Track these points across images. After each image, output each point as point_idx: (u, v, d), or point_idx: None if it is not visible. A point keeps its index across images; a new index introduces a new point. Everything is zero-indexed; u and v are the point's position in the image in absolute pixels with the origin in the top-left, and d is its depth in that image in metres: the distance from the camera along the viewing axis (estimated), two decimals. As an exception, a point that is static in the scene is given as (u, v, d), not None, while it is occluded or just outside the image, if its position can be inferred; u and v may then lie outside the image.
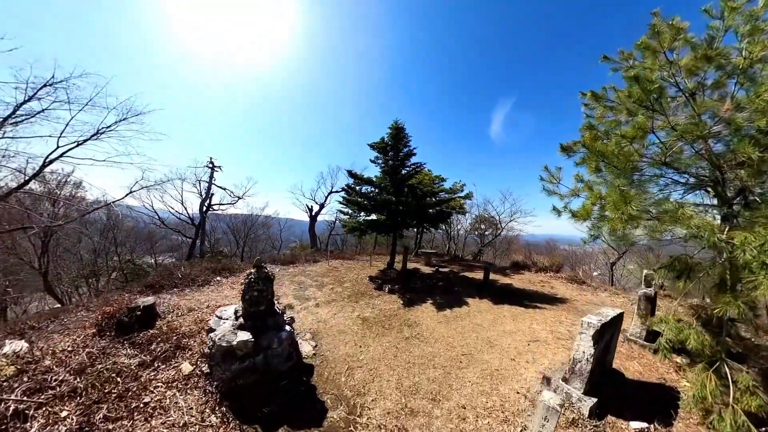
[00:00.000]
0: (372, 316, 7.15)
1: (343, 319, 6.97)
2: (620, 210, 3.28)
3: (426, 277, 11.31)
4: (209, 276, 10.34)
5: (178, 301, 8.15)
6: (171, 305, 7.76)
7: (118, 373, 4.68)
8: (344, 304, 7.98)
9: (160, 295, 8.69)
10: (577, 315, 7.86)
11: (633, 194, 3.54)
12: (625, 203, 3.21)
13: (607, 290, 11.44)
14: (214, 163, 15.87)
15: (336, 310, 7.59)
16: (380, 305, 7.97)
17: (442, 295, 9.06)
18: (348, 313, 7.33)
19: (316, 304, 7.96)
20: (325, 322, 6.83)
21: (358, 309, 7.65)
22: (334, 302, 8.15)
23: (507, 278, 12.12)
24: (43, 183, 15.47)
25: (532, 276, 12.97)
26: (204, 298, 8.42)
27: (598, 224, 4.15)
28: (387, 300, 8.44)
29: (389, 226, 11.05)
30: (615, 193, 3.63)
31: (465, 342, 5.94)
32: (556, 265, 14.05)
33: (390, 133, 11.51)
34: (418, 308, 7.81)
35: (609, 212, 3.41)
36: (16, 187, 9.07)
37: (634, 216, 3.42)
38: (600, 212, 4.06)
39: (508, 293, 9.62)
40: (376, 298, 8.55)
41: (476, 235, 22.86)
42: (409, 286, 9.88)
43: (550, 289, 10.77)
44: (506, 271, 14.08)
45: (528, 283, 11.35)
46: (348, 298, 8.53)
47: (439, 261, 16.54)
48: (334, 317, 7.11)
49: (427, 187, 10.85)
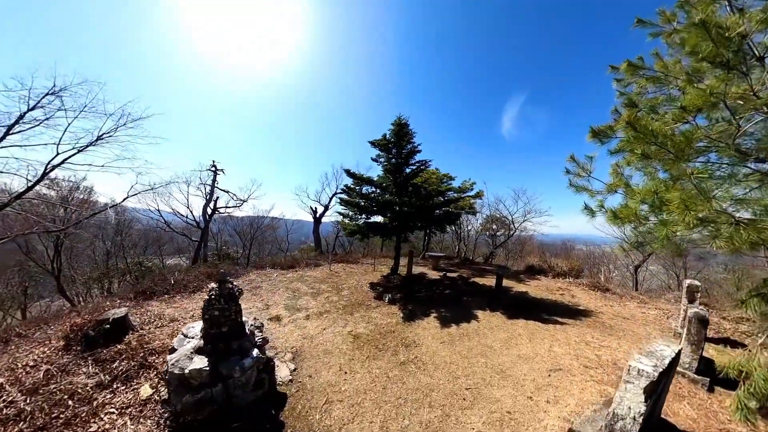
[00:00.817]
0: (365, 333, 6.16)
1: (333, 336, 6.02)
2: (692, 210, 2.16)
3: (432, 284, 10.22)
4: (202, 282, 9.67)
5: (164, 309, 7.47)
6: (155, 314, 7.10)
7: (72, 394, 4.16)
8: (337, 317, 7.04)
9: (150, 302, 8.08)
10: (604, 333, 6.61)
11: (706, 189, 2.40)
12: (702, 201, 2.09)
13: (634, 298, 10.01)
14: (216, 166, 15.42)
15: (327, 323, 6.65)
16: (377, 318, 6.97)
17: (449, 306, 7.96)
18: (339, 329, 6.38)
19: (306, 316, 7.06)
20: (311, 339, 5.90)
21: (352, 323, 6.69)
22: (326, 314, 7.22)
23: (522, 285, 10.85)
24: (57, 189, 15.47)
25: (549, 282, 11.62)
26: (192, 306, 7.72)
27: (650, 228, 3.00)
28: (386, 312, 7.43)
29: (392, 228, 10.05)
30: (677, 189, 2.49)
31: (471, 370, 4.85)
32: (575, 270, 12.62)
33: (393, 129, 10.52)
34: (420, 323, 6.75)
35: (674, 213, 2.29)
36: (20, 193, 8.73)
37: (709, 219, 2.28)
38: (651, 212, 2.91)
39: (524, 304, 8.40)
40: (374, 310, 7.55)
41: (487, 235, 21.49)
42: (413, 295, 8.84)
43: (571, 298, 9.45)
44: (520, 276, 12.76)
45: (545, 291, 10.05)
46: (343, 309, 7.58)
47: (448, 264, 15.36)
48: (323, 333, 6.17)
49: (433, 186, 9.79)
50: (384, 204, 9.61)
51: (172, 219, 16.44)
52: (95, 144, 8.77)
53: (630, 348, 5.94)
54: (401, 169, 10.58)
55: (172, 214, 16.39)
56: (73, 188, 16.13)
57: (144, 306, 7.74)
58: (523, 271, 14.09)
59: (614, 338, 6.40)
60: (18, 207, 9.91)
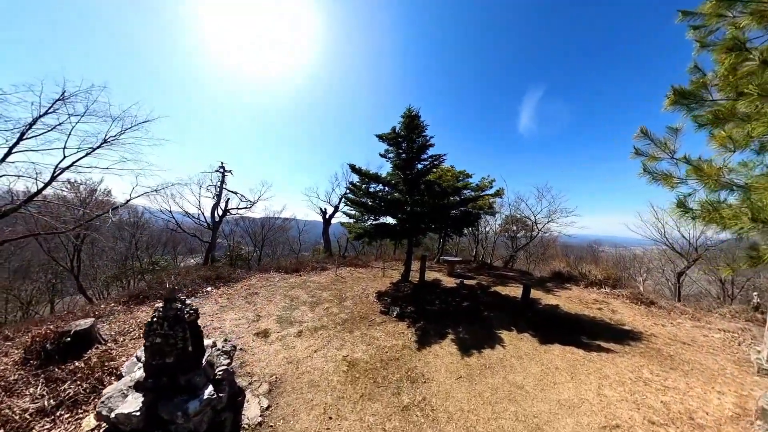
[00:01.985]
0: (364, 359, 4.97)
1: (323, 362, 4.88)
2: None
3: (447, 294, 8.88)
4: (198, 286, 8.87)
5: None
6: (138, 322, 6.30)
7: (5, 422, 3.46)
8: (334, 335, 5.90)
9: (141, 307, 7.31)
10: (664, 365, 5.07)
11: None
12: None
13: (684, 313, 8.27)
14: (225, 167, 14.82)
15: (320, 343, 5.53)
16: (381, 339, 5.76)
17: (467, 323, 6.62)
18: (333, 351, 5.23)
19: (298, 332, 5.97)
20: (297, 365, 4.79)
21: (350, 344, 5.52)
22: (322, 330, 6.10)
23: (551, 296, 9.28)
24: (76, 191, 15.43)
25: (582, 292, 9.95)
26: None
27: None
28: (392, 330, 6.20)
29: (402, 231, 8.81)
30: None
31: (497, 424, 3.55)
32: (612, 279, 10.84)
33: (402, 121, 9.27)
34: (431, 348, 5.46)
35: None
36: (30, 196, 8.43)
37: None
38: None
39: (557, 322, 6.90)
40: (378, 327, 6.35)
41: (506, 237, 19.73)
42: (425, 308, 7.56)
43: (611, 314, 7.83)
44: (547, 284, 11.13)
45: (580, 305, 8.45)
46: (342, 324, 6.44)
47: (465, 269, 13.91)
48: (313, 356, 5.05)
49: (449, 182, 8.46)
50: (393, 203, 8.39)
51: (185, 220, 16.00)
52: (102, 147, 8.55)
53: (705, 390, 4.40)
54: (412, 165, 9.32)
55: (185, 215, 15.95)
56: (91, 191, 16.13)
57: (133, 311, 6.97)
58: (549, 279, 12.41)
59: (680, 375, 4.86)
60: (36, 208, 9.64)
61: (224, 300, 7.95)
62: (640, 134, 2.89)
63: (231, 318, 6.63)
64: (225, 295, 8.34)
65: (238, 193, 15.20)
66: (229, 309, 7.20)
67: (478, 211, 10.90)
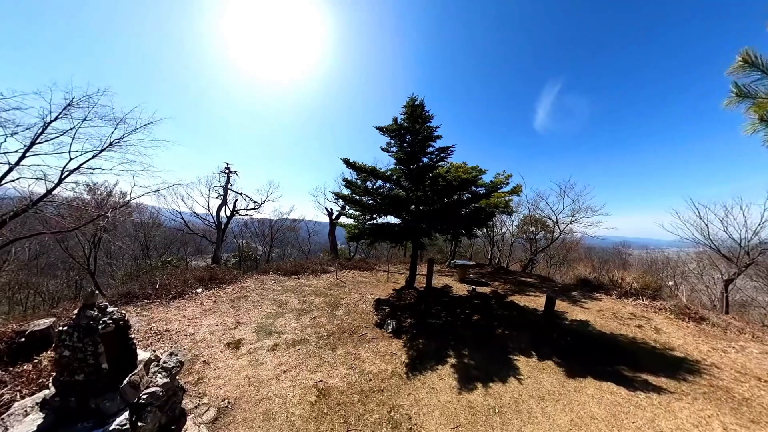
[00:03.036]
0: (340, 388, 3.94)
1: (291, 386, 3.91)
2: None
3: (456, 304, 7.66)
4: (189, 287, 8.18)
5: (130, 318, 5.97)
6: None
7: None
8: (313, 351, 4.91)
9: (127, 308, 6.67)
10: (741, 416, 3.66)
11: None
12: None
13: (743, 332, 6.63)
14: (230, 168, 14.38)
15: (293, 362, 4.56)
16: (367, 361, 4.69)
17: (476, 343, 5.39)
18: (306, 374, 4.24)
19: (273, 346, 5.03)
20: (258, 388, 3.86)
21: (328, 365, 4.50)
22: (302, 344, 5.14)
23: (578, 308, 7.81)
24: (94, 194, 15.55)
25: (615, 304, 8.38)
26: (158, 317, 6.19)
27: None
28: (382, 350, 5.12)
29: (404, 232, 7.71)
30: None
31: None
32: (651, 288, 9.14)
33: (405, 111, 8.18)
34: (426, 376, 4.32)
35: None
36: (40, 197, 8.33)
37: None
38: None
39: (588, 344, 5.51)
40: (368, 345, 5.29)
41: (525, 239, 18.05)
42: (427, 321, 6.42)
43: (655, 333, 6.31)
44: (573, 293, 9.60)
45: (614, 321, 6.96)
46: (326, 339, 5.43)
47: (479, 274, 12.54)
48: (280, 378, 4.10)
49: (457, 173, 7.23)
50: (394, 200, 7.32)
51: (194, 221, 15.71)
52: (107, 149, 8.45)
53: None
54: (417, 158, 8.19)
55: (194, 215, 15.66)
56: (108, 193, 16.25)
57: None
58: (574, 286, 10.81)
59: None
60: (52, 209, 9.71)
61: (210, 303, 7.20)
62: (743, 64, 1.68)
63: (208, 323, 5.87)
64: (213, 298, 7.61)
65: (242, 194, 14.72)
66: (211, 313, 6.46)
67: (493, 210, 9.56)
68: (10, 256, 14.45)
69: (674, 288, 16.18)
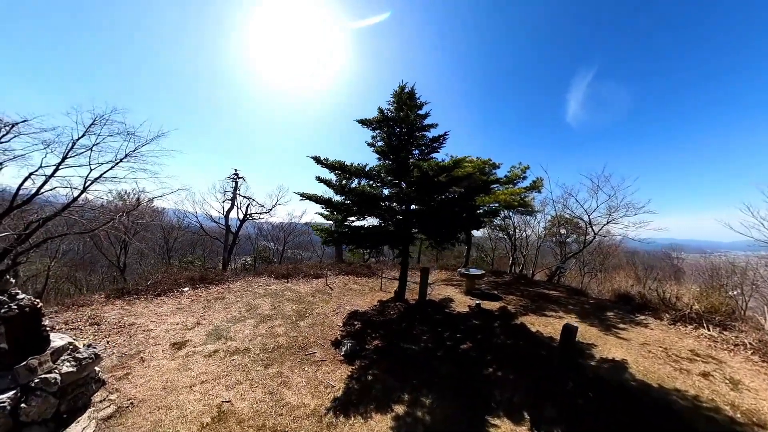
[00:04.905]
0: (243, 415, 3.19)
1: (197, 401, 3.36)
2: None
3: (447, 324, 6.07)
4: (177, 285, 7.86)
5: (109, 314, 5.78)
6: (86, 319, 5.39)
7: None
8: (244, 365, 4.15)
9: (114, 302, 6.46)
10: None
11: None
12: None
13: None
14: (238, 174, 14.30)
15: (217, 372, 3.93)
16: (293, 389, 3.64)
17: (448, 388, 3.79)
18: (220, 389, 3.58)
19: (211, 352, 4.44)
20: (166, 395, 3.43)
21: (247, 385, 3.70)
22: (239, 355, 4.40)
23: (612, 338, 5.74)
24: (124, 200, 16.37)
25: (667, 334, 6.10)
26: (135, 311, 6.02)
27: None
28: (321, 377, 3.92)
29: (379, 236, 6.34)
30: None
31: None
32: (720, 313, 6.64)
33: (393, 101, 6.81)
34: (352, 428, 3.01)
35: None
36: (68, 203, 9.01)
37: None
38: None
39: (621, 407, 3.60)
40: (308, 367, 4.14)
41: (554, 242, 15.48)
42: (401, 345, 4.97)
43: (730, 389, 4.14)
44: (608, 313, 7.41)
45: (666, 362, 4.83)
46: (269, 352, 4.54)
47: (493, 285, 10.62)
48: (194, 388, 3.59)
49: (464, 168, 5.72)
50: (364, 199, 6.01)
51: (210, 224, 15.80)
52: (123, 160, 9.02)
53: None
54: (403, 150, 6.75)
55: (210, 219, 15.79)
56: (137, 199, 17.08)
57: (99, 308, 6.04)
58: (611, 303, 8.49)
59: None
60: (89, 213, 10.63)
61: (187, 302, 6.79)
62: None
63: (171, 321, 5.52)
64: (193, 297, 7.18)
65: (250, 198, 14.50)
66: (181, 312, 6.10)
67: (499, 208, 7.76)
68: (58, 254, 15.53)
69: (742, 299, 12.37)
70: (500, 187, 9.36)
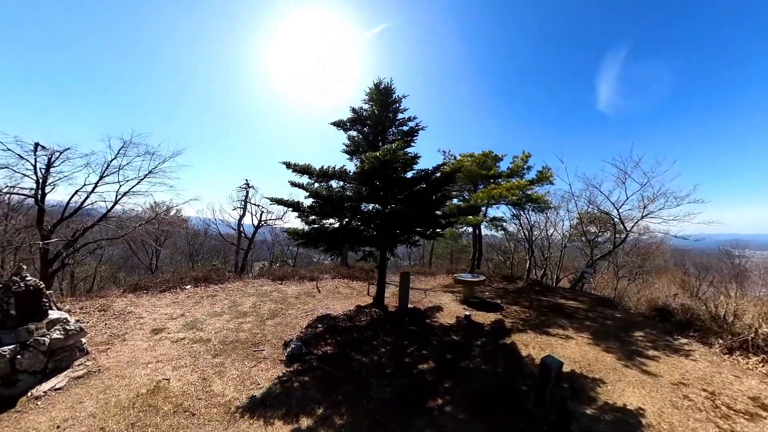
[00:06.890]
0: (174, 393, 3.34)
1: (145, 375, 3.67)
2: None
3: (417, 338, 5.11)
4: (183, 283, 8.08)
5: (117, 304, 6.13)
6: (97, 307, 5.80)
7: None
8: (198, 352, 4.39)
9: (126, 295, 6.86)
10: None
11: None
12: None
13: None
14: (249, 183, 14.94)
15: (174, 355, 4.25)
16: (225, 378, 3.76)
17: (371, 414, 2.95)
18: (167, 369, 3.85)
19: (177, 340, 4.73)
20: (127, 367, 3.81)
21: (190, 368, 3.97)
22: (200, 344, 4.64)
23: (635, 371, 4.28)
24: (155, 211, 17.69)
25: (716, 367, 4.44)
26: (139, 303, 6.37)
27: None
28: (255, 373, 3.89)
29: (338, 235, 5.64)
30: None
31: None
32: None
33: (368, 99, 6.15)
34: (252, 426, 2.80)
35: None
36: (104, 214, 10.11)
37: None
38: None
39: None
40: (248, 362, 4.17)
41: (583, 242, 13.36)
42: (350, 355, 4.19)
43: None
44: (635, 333, 5.81)
45: (708, 416, 3.27)
46: (226, 344, 4.67)
47: (501, 292, 9.27)
48: (149, 365, 3.88)
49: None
50: (329, 201, 5.36)
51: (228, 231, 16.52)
52: (149, 176, 10.02)
53: None
54: (375, 147, 5.99)
55: (227, 226, 16.50)
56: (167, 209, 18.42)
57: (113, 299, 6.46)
58: (643, 319, 6.74)
59: None
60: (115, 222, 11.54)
61: (183, 297, 7.05)
62: None
63: (162, 312, 5.89)
64: (191, 294, 7.42)
65: (260, 206, 14.92)
66: (174, 305, 6.36)
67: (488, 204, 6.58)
68: (103, 258, 17.21)
69: None
70: (502, 180, 8.10)
